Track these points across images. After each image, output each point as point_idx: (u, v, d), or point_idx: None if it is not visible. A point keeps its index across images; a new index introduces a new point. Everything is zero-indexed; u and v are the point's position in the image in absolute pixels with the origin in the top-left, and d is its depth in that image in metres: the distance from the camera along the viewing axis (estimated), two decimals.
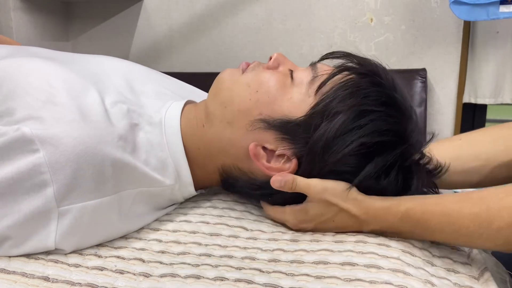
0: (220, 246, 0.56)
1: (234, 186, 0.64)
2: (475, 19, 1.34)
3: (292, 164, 0.57)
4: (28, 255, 0.53)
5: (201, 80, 1.05)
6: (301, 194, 0.57)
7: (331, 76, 0.57)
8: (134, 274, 0.51)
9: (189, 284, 0.48)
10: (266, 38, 1.75)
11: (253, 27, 1.76)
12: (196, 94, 0.82)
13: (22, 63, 0.61)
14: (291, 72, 0.60)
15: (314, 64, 0.61)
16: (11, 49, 0.72)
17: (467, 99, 1.57)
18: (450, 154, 0.63)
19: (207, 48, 1.83)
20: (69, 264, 0.52)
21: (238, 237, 0.58)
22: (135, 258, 0.54)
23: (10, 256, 0.53)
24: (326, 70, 0.59)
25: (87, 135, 0.53)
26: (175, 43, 1.86)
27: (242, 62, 0.63)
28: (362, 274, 0.48)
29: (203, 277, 0.49)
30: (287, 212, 0.60)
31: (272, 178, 0.57)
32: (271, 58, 0.62)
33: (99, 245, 0.56)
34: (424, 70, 1.57)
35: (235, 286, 0.47)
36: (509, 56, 1.49)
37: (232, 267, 0.51)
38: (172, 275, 0.50)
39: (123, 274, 0.51)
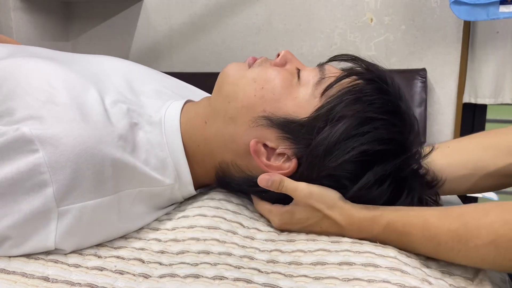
0: (218, 241, 0.56)
1: (230, 184, 0.64)
2: (475, 19, 1.34)
3: (291, 164, 0.57)
4: (28, 255, 0.53)
5: (201, 80, 1.05)
6: None
7: (339, 79, 0.57)
8: (134, 275, 0.51)
9: (188, 284, 0.48)
10: (266, 38, 1.75)
11: (253, 27, 1.75)
12: (196, 94, 0.82)
13: (22, 63, 0.61)
14: (298, 71, 0.60)
15: (322, 65, 0.60)
16: (11, 48, 0.72)
17: (467, 99, 1.57)
18: (438, 162, 0.63)
19: (207, 48, 1.82)
20: (69, 264, 0.52)
21: (236, 233, 0.58)
22: (135, 258, 0.54)
23: (10, 256, 0.53)
24: (334, 72, 0.58)
25: (87, 135, 0.53)
26: (175, 43, 1.86)
27: (249, 57, 0.63)
28: (360, 273, 0.48)
29: (202, 276, 0.49)
30: (273, 213, 0.60)
31: (260, 176, 0.57)
32: (278, 55, 0.62)
33: (99, 245, 0.56)
34: (424, 70, 1.57)
35: (234, 285, 0.47)
36: (509, 56, 1.49)
37: (231, 265, 0.51)
38: (171, 275, 0.50)
39: (122, 274, 0.51)
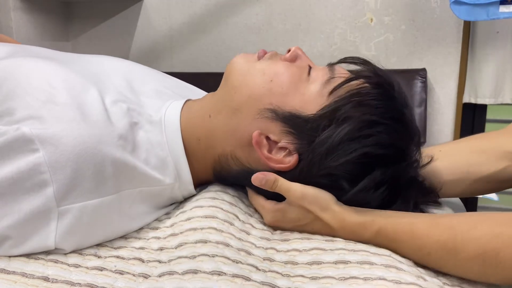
0: (215, 229, 0.55)
1: (227, 178, 0.64)
2: (475, 19, 1.34)
3: (292, 159, 0.57)
4: (28, 255, 0.53)
5: (201, 80, 1.05)
6: None
7: (348, 80, 0.57)
8: (134, 275, 0.51)
9: (187, 280, 0.48)
10: (266, 38, 1.75)
11: (253, 27, 1.75)
12: (196, 94, 0.82)
13: (22, 63, 0.61)
14: (309, 68, 0.60)
15: (331, 65, 0.61)
16: (11, 48, 0.72)
17: (467, 99, 1.57)
18: (430, 165, 0.63)
19: (207, 48, 1.82)
20: (69, 264, 0.52)
21: (232, 224, 0.58)
22: (135, 258, 0.54)
23: (10, 256, 0.53)
24: (343, 73, 0.59)
25: (87, 135, 0.53)
26: (175, 43, 1.86)
27: (260, 49, 0.63)
28: (355, 271, 0.48)
29: (200, 271, 0.48)
30: (265, 209, 0.60)
31: (254, 175, 0.57)
32: (289, 51, 0.62)
33: (99, 245, 0.56)
34: (424, 70, 1.57)
35: (233, 281, 0.47)
36: (509, 56, 1.49)
37: (229, 258, 0.51)
38: (170, 272, 0.49)
39: (122, 274, 0.51)
